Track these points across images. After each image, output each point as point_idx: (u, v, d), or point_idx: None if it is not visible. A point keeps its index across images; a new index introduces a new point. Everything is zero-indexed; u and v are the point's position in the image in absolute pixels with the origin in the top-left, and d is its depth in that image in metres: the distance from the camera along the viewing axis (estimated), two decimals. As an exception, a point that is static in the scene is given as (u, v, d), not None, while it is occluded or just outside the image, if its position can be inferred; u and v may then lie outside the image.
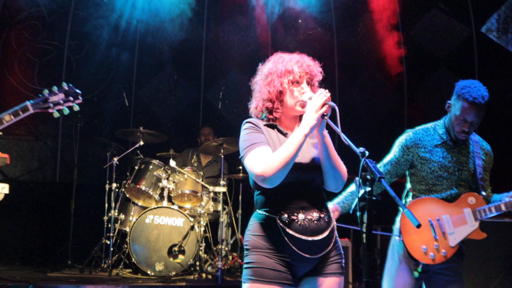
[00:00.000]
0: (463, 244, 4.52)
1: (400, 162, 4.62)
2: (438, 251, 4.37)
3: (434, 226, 4.41)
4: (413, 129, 4.71)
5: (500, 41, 10.65)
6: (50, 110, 4.26)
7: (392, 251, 4.62)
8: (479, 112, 4.40)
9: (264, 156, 3.31)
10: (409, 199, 4.65)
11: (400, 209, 4.52)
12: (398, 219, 4.62)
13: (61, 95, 4.24)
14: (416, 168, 4.59)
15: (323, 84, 3.57)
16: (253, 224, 3.47)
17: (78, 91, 4.32)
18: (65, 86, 4.28)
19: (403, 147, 4.60)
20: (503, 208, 4.42)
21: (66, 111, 4.28)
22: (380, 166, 4.64)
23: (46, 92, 4.27)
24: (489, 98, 4.44)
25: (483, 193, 4.52)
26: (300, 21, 11.37)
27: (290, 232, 3.34)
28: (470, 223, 4.42)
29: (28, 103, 4.22)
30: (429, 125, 4.70)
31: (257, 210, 3.50)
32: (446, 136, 4.57)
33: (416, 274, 4.42)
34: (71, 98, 4.28)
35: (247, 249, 3.45)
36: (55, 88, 4.28)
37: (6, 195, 7.83)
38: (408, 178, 4.74)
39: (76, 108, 4.32)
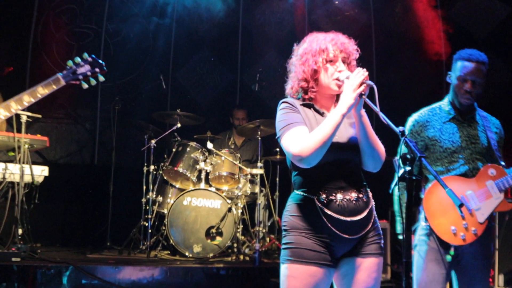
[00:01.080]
0: (494, 224, 4.43)
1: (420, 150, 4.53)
2: (468, 229, 4.26)
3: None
4: (417, 111, 4.65)
5: (541, 20, 10.45)
6: (78, 82, 4.34)
7: (418, 240, 4.49)
8: (478, 70, 4.40)
9: (301, 136, 3.29)
10: (429, 184, 4.53)
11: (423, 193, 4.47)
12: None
13: (88, 67, 4.36)
14: (429, 151, 4.52)
15: (360, 64, 3.52)
16: (291, 204, 3.46)
17: (102, 62, 4.41)
18: (88, 57, 4.37)
19: (413, 133, 4.53)
20: None
21: (93, 82, 4.38)
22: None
23: (71, 63, 4.35)
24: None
25: (502, 163, 4.42)
26: (337, 2, 11.27)
27: (329, 212, 3.31)
28: (495, 196, 4.32)
29: (59, 75, 4.32)
30: (434, 105, 4.66)
31: (295, 191, 3.48)
32: (453, 112, 4.51)
33: (449, 258, 4.31)
34: (97, 70, 4.39)
35: (285, 230, 3.43)
36: (78, 60, 4.39)
37: (46, 177, 7.95)
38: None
39: (102, 78, 4.43)
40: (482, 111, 4.63)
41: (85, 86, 4.40)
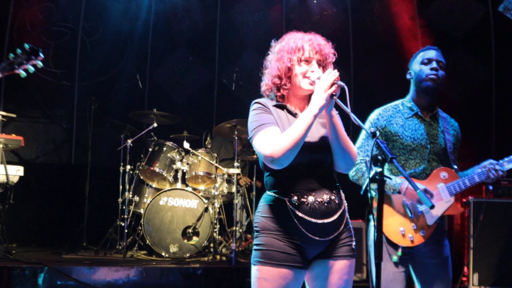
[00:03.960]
0: (443, 222, 4.41)
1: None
2: (416, 231, 4.23)
3: (409, 206, 4.27)
4: (381, 107, 4.62)
5: (518, 20, 10.53)
6: (17, 71, 4.33)
7: (371, 241, 4.41)
8: (440, 55, 4.46)
9: (273, 137, 3.28)
10: None
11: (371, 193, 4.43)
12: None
13: (24, 56, 4.33)
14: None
15: (337, 64, 3.53)
16: (263, 205, 3.47)
17: (37, 48, 4.39)
18: (26, 47, 4.36)
19: (378, 128, 4.46)
20: (477, 179, 4.32)
21: (31, 69, 4.34)
22: (359, 152, 4.46)
23: (11, 56, 4.35)
24: (506, 78, 4.42)
25: (455, 166, 4.43)
26: (315, 1, 11.29)
27: (300, 214, 3.31)
28: (445, 199, 4.30)
29: None
30: (396, 102, 4.63)
31: (267, 192, 3.48)
32: (416, 108, 4.48)
33: (394, 258, 4.22)
34: (33, 57, 4.36)
35: (256, 231, 3.44)
36: (18, 51, 4.37)
37: (21, 177, 7.90)
38: None
39: (40, 65, 4.40)
40: (442, 112, 4.62)
41: (23, 75, 4.38)
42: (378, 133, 3.06)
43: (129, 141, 8.57)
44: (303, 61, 3.44)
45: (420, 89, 4.47)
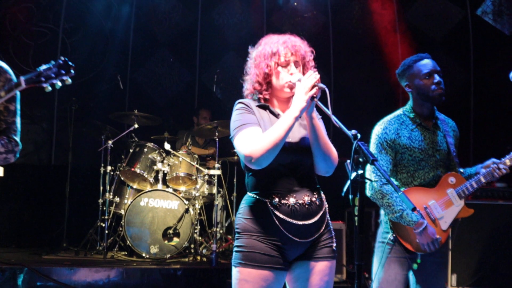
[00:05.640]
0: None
1: (394, 158, 4.45)
2: None
3: (424, 215, 4.31)
4: (384, 120, 4.58)
5: (496, 24, 10.63)
6: (44, 85, 4.11)
7: (382, 239, 4.45)
8: (434, 63, 4.46)
9: (253, 137, 3.29)
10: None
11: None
12: (383, 212, 4.49)
13: (54, 69, 4.10)
14: (396, 158, 4.45)
15: (318, 66, 3.55)
16: (244, 207, 3.47)
17: (71, 63, 4.15)
18: (60, 60, 4.13)
19: (388, 142, 4.43)
20: (483, 180, 4.40)
21: (58, 85, 4.13)
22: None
23: (42, 67, 4.14)
24: (484, 80, 4.45)
25: (461, 169, 4.50)
26: (295, 3, 11.33)
27: (281, 216, 3.32)
28: (456, 203, 4.38)
29: (21, 78, 4.09)
30: (397, 112, 4.61)
31: (248, 193, 3.49)
32: (419, 120, 4.49)
33: (415, 266, 4.30)
34: (63, 72, 4.12)
35: (238, 233, 3.44)
36: (52, 63, 4.14)
37: (1, 178, 7.85)
38: None
39: (69, 81, 4.14)
40: (439, 113, 4.63)
41: (48, 89, 4.17)
42: (359, 135, 3.07)
43: (110, 142, 8.55)
44: (280, 65, 3.45)
45: (426, 102, 4.47)
